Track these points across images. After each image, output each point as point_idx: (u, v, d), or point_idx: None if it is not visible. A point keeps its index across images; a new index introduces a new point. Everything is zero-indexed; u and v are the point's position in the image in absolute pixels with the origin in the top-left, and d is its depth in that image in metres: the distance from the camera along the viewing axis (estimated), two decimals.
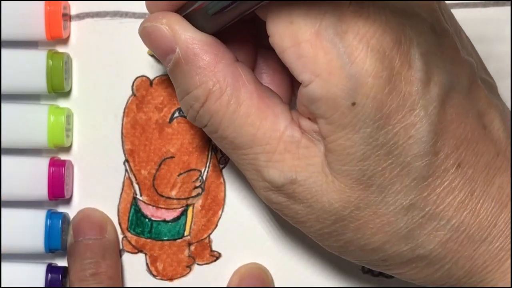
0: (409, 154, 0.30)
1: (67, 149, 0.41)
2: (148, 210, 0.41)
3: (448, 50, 0.32)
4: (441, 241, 0.32)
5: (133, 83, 0.41)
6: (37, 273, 0.39)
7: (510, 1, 0.31)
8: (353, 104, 0.30)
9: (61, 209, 0.41)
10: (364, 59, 0.29)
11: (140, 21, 0.40)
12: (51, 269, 0.40)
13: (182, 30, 0.32)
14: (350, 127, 0.30)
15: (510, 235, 0.31)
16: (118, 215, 0.41)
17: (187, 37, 0.32)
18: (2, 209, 0.39)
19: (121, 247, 0.41)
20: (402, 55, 0.30)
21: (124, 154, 0.41)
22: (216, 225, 0.41)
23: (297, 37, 0.30)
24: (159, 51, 0.33)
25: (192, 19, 0.32)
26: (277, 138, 0.32)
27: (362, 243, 0.32)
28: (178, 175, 0.40)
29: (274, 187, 0.32)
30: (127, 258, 0.41)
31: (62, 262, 0.41)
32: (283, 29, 0.30)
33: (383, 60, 0.29)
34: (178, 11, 0.33)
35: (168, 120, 0.40)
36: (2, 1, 0.38)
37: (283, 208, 0.33)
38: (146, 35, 0.33)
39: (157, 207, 0.41)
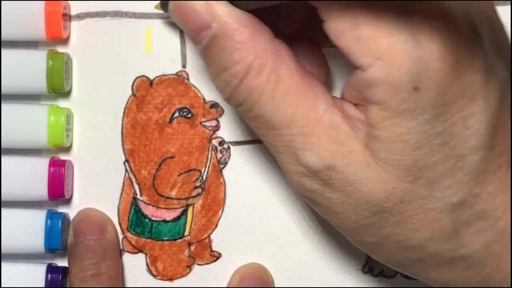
0: (465, 146, 0.29)
1: (67, 149, 0.41)
2: (148, 210, 0.41)
3: (503, 46, 0.31)
4: (485, 242, 0.30)
5: (133, 83, 0.41)
6: (37, 273, 0.39)
7: (510, 1, 0.31)
8: (415, 88, 0.28)
9: (61, 209, 0.41)
10: (430, 42, 0.28)
11: (140, 21, 0.40)
12: (51, 269, 0.40)
13: (218, 5, 0.31)
14: (408, 113, 0.29)
15: None
16: (118, 215, 0.41)
17: (224, 12, 0.31)
18: (2, 209, 0.39)
19: (121, 247, 0.41)
20: (467, 41, 0.29)
21: (124, 154, 0.41)
22: (216, 225, 0.41)
23: (356, 20, 0.29)
24: (193, 27, 0.32)
25: None
26: (316, 120, 0.30)
27: (400, 239, 0.31)
28: (178, 175, 0.40)
29: (310, 172, 0.31)
30: (127, 258, 0.41)
31: (62, 262, 0.41)
32: (341, 13, 0.29)
33: (449, 45, 0.28)
34: None
35: (168, 120, 0.40)
36: (2, 1, 0.38)
37: (317, 197, 0.31)
38: (178, 10, 0.32)
39: (157, 207, 0.41)
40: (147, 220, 0.41)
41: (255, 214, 0.41)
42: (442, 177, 0.29)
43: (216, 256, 0.41)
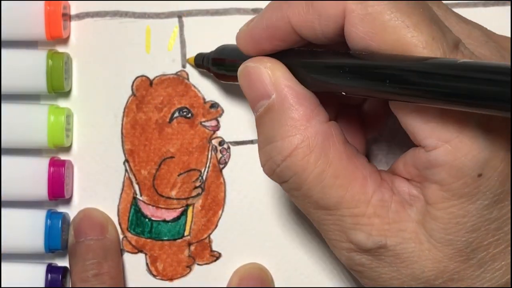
0: None
1: (67, 149, 0.41)
2: (148, 210, 0.41)
3: None
4: None
5: (133, 83, 0.41)
6: (37, 273, 0.39)
7: (510, 1, 0.31)
8: (479, 175, 0.29)
9: (61, 209, 0.41)
10: (499, 131, 0.28)
11: (140, 21, 0.40)
12: (51, 269, 0.40)
13: (283, 78, 0.31)
14: (468, 197, 0.29)
15: None
16: (118, 215, 0.41)
17: (286, 85, 0.31)
18: (2, 209, 0.39)
19: (121, 247, 0.41)
20: None
21: (124, 154, 0.41)
22: (216, 225, 0.41)
23: None
24: (254, 93, 0.32)
25: (295, 71, 0.32)
26: (366, 202, 0.30)
27: None
28: (178, 175, 0.40)
29: (360, 249, 0.31)
30: (127, 258, 0.41)
31: (62, 262, 0.41)
32: None
33: None
34: (284, 58, 0.32)
35: (168, 120, 0.40)
36: (2, 1, 0.38)
37: (366, 270, 0.32)
38: (246, 74, 0.32)
39: (157, 207, 0.41)
40: (147, 220, 0.41)
41: (255, 214, 0.41)
42: (493, 259, 0.30)
43: (216, 256, 0.41)
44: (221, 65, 0.37)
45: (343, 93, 0.30)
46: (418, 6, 0.29)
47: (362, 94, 0.31)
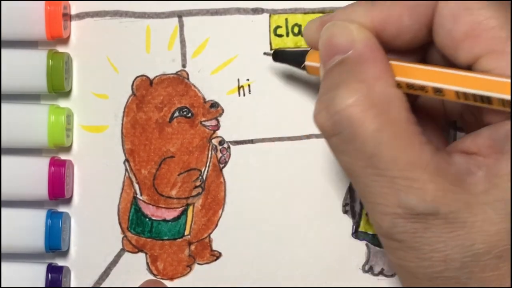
0: None
1: (67, 149, 0.41)
2: (148, 210, 0.41)
3: None
4: None
5: (133, 82, 0.41)
6: (37, 273, 0.39)
7: (510, 1, 0.31)
8: None
9: (62, 209, 0.41)
10: None
11: (140, 20, 0.40)
12: (51, 269, 0.40)
13: (365, 37, 0.32)
14: None
15: None
16: (118, 215, 0.41)
17: (366, 44, 0.32)
18: (2, 209, 0.39)
19: (121, 246, 0.41)
20: None
21: (124, 154, 0.41)
22: (216, 225, 0.41)
23: None
24: (333, 46, 0.32)
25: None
26: (422, 167, 0.30)
27: None
28: (178, 175, 0.40)
29: (408, 215, 0.30)
30: (127, 257, 0.41)
31: (62, 262, 0.41)
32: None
33: None
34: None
35: (168, 119, 0.40)
36: (2, 1, 0.38)
37: (407, 240, 0.31)
38: (331, 27, 0.33)
39: (157, 207, 0.41)
40: (147, 219, 0.41)
41: (255, 214, 0.41)
42: None
43: (216, 256, 0.41)
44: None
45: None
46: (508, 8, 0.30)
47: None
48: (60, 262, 0.41)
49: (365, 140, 0.30)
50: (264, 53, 0.40)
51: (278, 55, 0.38)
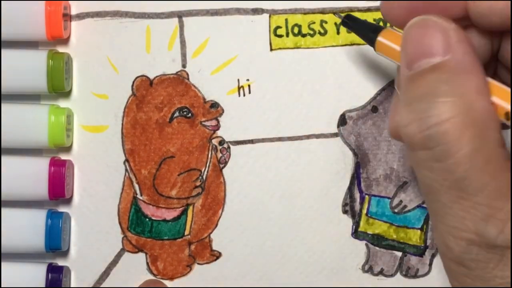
0: None
1: (68, 149, 0.41)
2: (148, 210, 0.41)
3: None
4: None
5: (133, 83, 0.41)
6: (37, 273, 0.39)
7: (510, 1, 0.31)
8: None
9: (62, 208, 0.41)
10: None
11: (140, 21, 0.40)
12: (51, 268, 0.40)
13: (466, 43, 0.29)
14: None
15: None
16: (119, 215, 0.41)
17: (467, 51, 0.28)
18: (2, 209, 0.39)
19: (121, 246, 0.41)
20: None
21: (124, 154, 0.41)
22: (216, 225, 0.41)
23: None
24: (423, 47, 0.29)
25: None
26: (508, 197, 0.28)
27: None
28: (178, 175, 0.41)
29: (484, 244, 0.28)
30: (127, 257, 0.41)
31: (62, 262, 0.41)
32: None
33: None
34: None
35: (168, 119, 0.40)
36: (2, 1, 0.38)
37: (477, 268, 0.29)
38: (424, 26, 0.29)
39: (157, 207, 0.41)
40: (147, 219, 0.41)
41: (255, 214, 0.41)
42: None
43: (216, 256, 0.41)
44: None
45: None
46: None
47: None
48: (60, 262, 0.41)
49: (458, 161, 0.28)
50: (335, 14, 0.38)
51: (350, 21, 0.35)
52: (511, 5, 0.29)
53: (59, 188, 0.39)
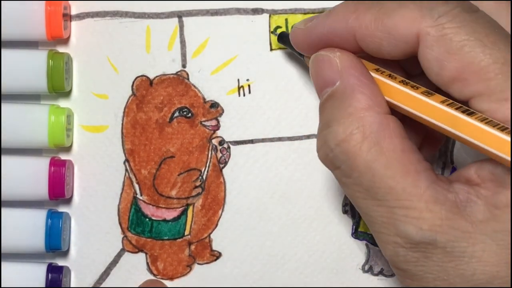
0: None
1: (67, 149, 0.41)
2: (148, 210, 0.41)
3: None
4: None
5: (133, 82, 0.41)
6: (37, 273, 0.39)
7: (510, 1, 0.31)
8: None
9: (62, 208, 0.41)
10: None
11: (140, 21, 0.40)
12: (51, 268, 0.40)
13: (350, 67, 0.32)
14: None
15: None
16: (119, 215, 0.41)
17: (352, 74, 0.32)
18: (2, 209, 0.39)
19: (121, 246, 0.41)
20: None
21: (124, 154, 0.41)
22: (217, 225, 0.41)
23: None
24: (321, 80, 0.33)
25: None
26: (418, 195, 0.30)
27: None
28: (178, 175, 0.41)
29: (407, 244, 0.30)
30: (127, 257, 0.41)
31: (62, 262, 0.41)
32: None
33: None
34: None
35: (168, 119, 0.40)
36: (2, 1, 0.38)
37: (410, 269, 0.31)
38: (316, 61, 0.33)
39: (157, 207, 0.41)
40: (147, 219, 0.41)
41: (255, 214, 0.41)
42: None
43: (216, 256, 0.41)
44: None
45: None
46: (493, 26, 0.30)
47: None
48: (60, 262, 0.41)
49: (361, 173, 0.31)
50: (272, 32, 0.40)
51: (283, 38, 0.39)
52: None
53: (59, 188, 0.39)
